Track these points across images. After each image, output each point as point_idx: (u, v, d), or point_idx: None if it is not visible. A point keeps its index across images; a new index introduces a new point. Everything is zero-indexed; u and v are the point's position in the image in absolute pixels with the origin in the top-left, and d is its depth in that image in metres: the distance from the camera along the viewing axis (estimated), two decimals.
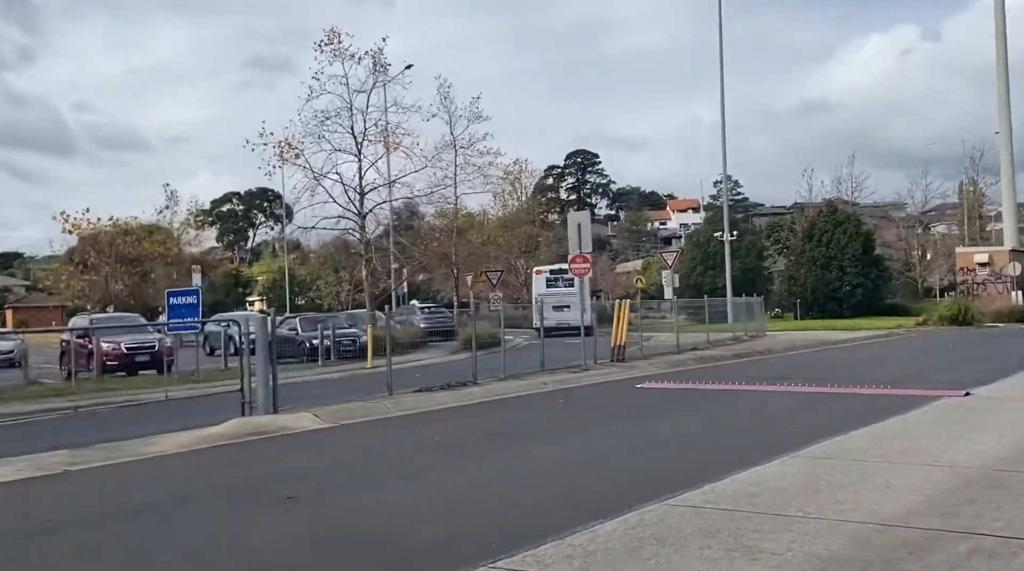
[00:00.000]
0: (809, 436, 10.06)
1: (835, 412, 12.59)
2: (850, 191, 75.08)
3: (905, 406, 12.43)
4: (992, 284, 51.23)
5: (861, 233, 52.38)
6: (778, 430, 11.08)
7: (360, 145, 32.67)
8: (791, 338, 31.94)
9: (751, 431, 11.17)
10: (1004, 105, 54.16)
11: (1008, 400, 13.00)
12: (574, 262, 19.84)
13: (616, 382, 17.46)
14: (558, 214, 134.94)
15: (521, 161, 74.87)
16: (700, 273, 53.99)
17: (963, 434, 9.99)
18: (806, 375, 18.03)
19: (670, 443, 10.41)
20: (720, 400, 14.35)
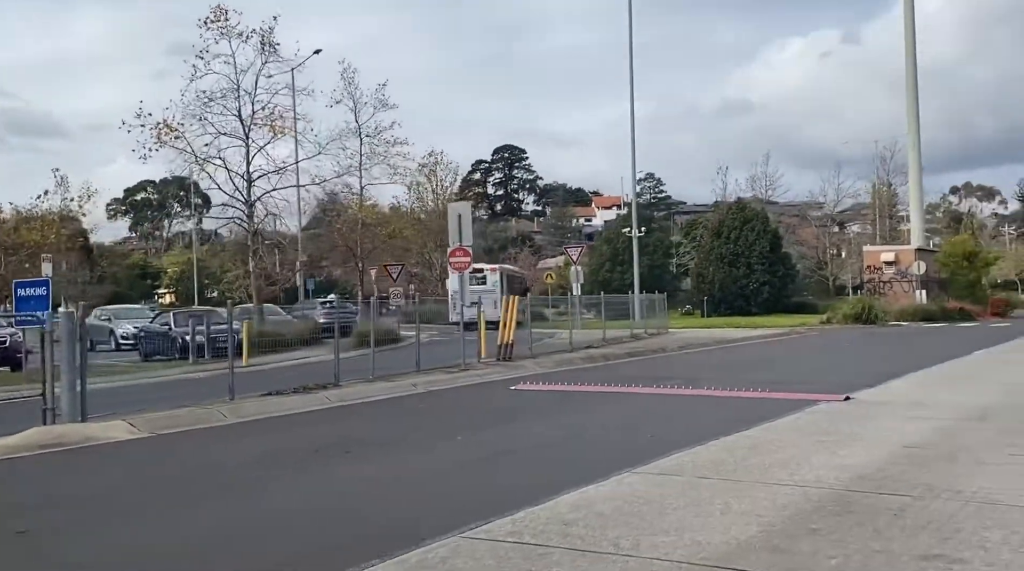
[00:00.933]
0: (663, 447, 9.18)
1: (704, 418, 11.79)
2: (764, 189, 75.92)
3: (778, 412, 11.68)
4: (898, 283, 51.86)
5: (769, 230, 52.48)
6: (634, 440, 10.18)
7: (248, 129, 31.12)
8: (691, 336, 31.47)
9: (605, 441, 10.24)
10: (913, 111, 55.06)
11: (888, 405, 12.35)
12: (453, 255, 18.71)
13: (491, 383, 16.46)
14: (485, 209, 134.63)
15: (436, 153, 73.42)
16: (609, 269, 53.55)
17: (829, 445, 9.21)
18: (689, 376, 17.30)
19: (512, 456, 9.41)
20: (590, 404, 13.45)
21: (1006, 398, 12.83)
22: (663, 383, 15.37)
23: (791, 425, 10.68)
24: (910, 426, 10.44)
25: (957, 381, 15.25)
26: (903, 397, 13.21)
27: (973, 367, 18.09)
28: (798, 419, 11.12)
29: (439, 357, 19.61)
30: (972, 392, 13.71)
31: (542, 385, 15.49)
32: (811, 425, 10.63)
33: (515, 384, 15.94)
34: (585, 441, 10.16)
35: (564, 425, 11.38)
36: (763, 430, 10.30)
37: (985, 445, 9.13)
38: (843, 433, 9.98)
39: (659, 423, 11.40)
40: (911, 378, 15.99)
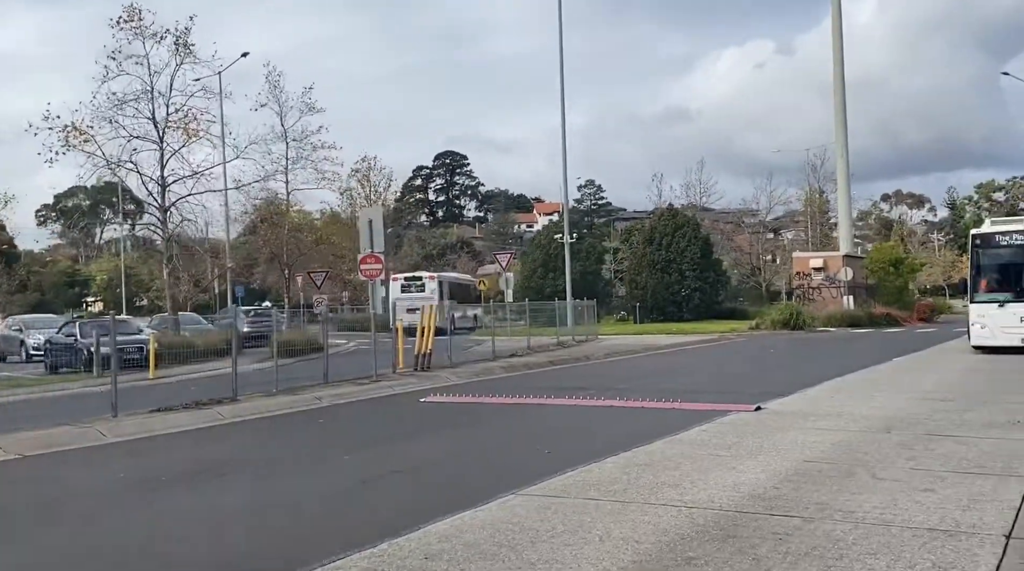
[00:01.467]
0: (559, 464, 8.81)
1: (609, 432, 11.45)
2: (699, 196, 76.45)
3: (686, 423, 11.42)
4: (827, 289, 52.46)
5: (700, 237, 52.69)
6: (531, 456, 9.78)
7: (162, 132, 30.13)
8: (618, 343, 31.30)
9: (501, 458, 9.82)
10: (841, 119, 55.89)
11: (798, 416, 12.16)
12: (364, 262, 18.12)
13: (401, 396, 15.95)
14: (426, 215, 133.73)
15: (369, 158, 72.53)
16: (541, 276, 53.27)
17: (729, 461, 8.92)
18: (607, 385, 17.01)
19: (399, 477, 8.93)
20: (496, 417, 13.04)
21: (914, 407, 12.74)
22: (578, 393, 15.04)
23: (696, 438, 10.40)
24: (814, 438, 10.24)
25: (870, 389, 15.18)
26: (814, 407, 13.05)
27: (888, 374, 18.11)
28: (704, 431, 10.85)
29: (361, 367, 19.06)
30: (882, 401, 13.61)
31: (452, 397, 15.04)
32: (716, 438, 10.37)
33: (425, 396, 15.47)
34: (480, 459, 9.74)
35: (463, 441, 10.95)
36: (666, 443, 10.00)
37: (885, 458, 8.93)
38: (746, 447, 9.72)
39: (561, 438, 11.02)
40: (826, 387, 15.90)
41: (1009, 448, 9.39)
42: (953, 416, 11.86)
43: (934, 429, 10.78)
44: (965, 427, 10.92)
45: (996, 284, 23.34)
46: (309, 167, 47.89)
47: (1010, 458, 8.85)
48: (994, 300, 22.71)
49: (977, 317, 22.93)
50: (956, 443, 9.75)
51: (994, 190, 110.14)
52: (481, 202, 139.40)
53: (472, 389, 16.31)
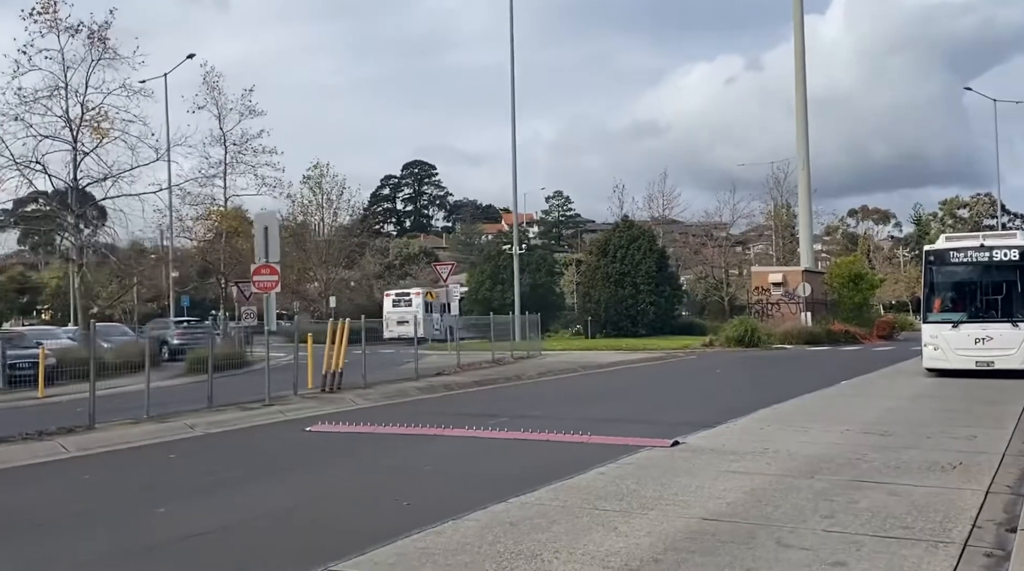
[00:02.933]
0: (408, 522, 7.41)
1: (494, 473, 10.08)
2: (661, 208, 75.52)
3: (587, 463, 10.07)
4: (786, 304, 51.49)
5: (655, 250, 51.47)
6: (383, 509, 8.35)
7: (76, 132, 28.44)
8: (561, 360, 29.94)
9: (343, 512, 8.31)
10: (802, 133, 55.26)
11: (717, 454, 10.85)
12: (258, 273, 16.52)
13: (286, 424, 14.43)
14: (394, 224, 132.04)
15: (322, 165, 70.77)
16: (489, 288, 51.79)
17: (614, 518, 7.57)
18: (521, 412, 15.65)
19: (194, 543, 7.40)
20: (375, 453, 11.60)
21: (849, 443, 11.49)
22: (484, 423, 13.65)
23: (589, 483, 9.03)
24: (726, 484, 8.92)
25: (806, 420, 13.93)
26: (738, 442, 11.75)
27: (831, 401, 16.90)
28: (602, 474, 9.50)
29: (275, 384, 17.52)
30: (816, 435, 12.35)
31: (342, 426, 13.56)
32: (613, 484, 9.01)
33: (314, 424, 13.97)
34: (317, 513, 8.23)
35: (315, 486, 9.48)
36: (551, 491, 8.63)
37: (799, 515, 7.63)
38: (642, 497, 8.37)
39: (434, 482, 9.60)
40: (759, 416, 14.63)
41: (945, 501, 8.12)
42: (890, 455, 10.61)
43: (865, 473, 9.50)
44: (900, 470, 9.66)
45: (950, 303, 22.30)
46: (248, 173, 46.46)
47: (945, 515, 7.57)
48: (947, 320, 21.64)
49: (930, 338, 21.84)
50: (887, 493, 8.48)
51: (958, 206, 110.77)
52: (449, 212, 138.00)
53: (371, 416, 14.83)
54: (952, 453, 10.71)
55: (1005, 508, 7.93)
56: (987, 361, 20.97)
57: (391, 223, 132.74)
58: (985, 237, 22.70)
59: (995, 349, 20.91)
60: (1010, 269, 21.34)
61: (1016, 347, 20.73)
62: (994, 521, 7.44)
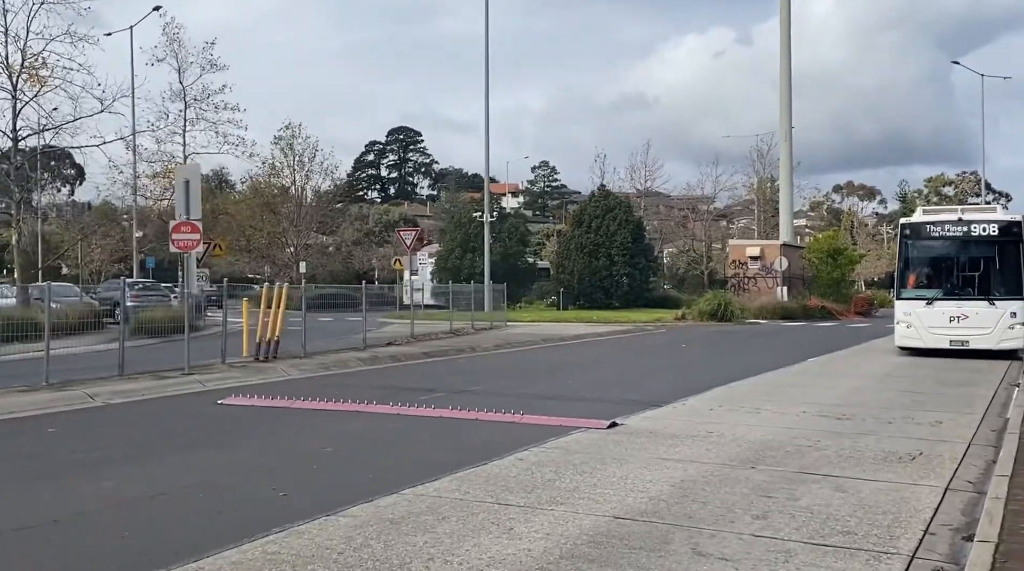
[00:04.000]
0: (278, 517, 6.44)
1: (402, 457, 9.06)
2: (643, 179, 74.45)
3: (509, 446, 9.10)
4: (763, 278, 50.65)
5: (631, 221, 50.27)
6: (255, 499, 7.29)
7: (16, 80, 26.98)
8: (525, 332, 28.92)
9: (212, 503, 7.25)
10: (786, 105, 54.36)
11: (656, 437, 9.88)
12: (177, 231, 15.26)
13: (200, 395, 13.32)
14: (378, 191, 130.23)
15: (294, 125, 69.00)
16: (459, 256, 50.53)
17: (515, 515, 6.58)
18: (460, 387, 14.63)
19: (21, 538, 6.36)
20: (282, 430, 10.55)
21: (803, 427, 10.55)
22: (416, 398, 12.61)
23: (503, 471, 8.04)
24: (654, 474, 7.94)
25: (762, 399, 12.99)
26: (683, 424, 10.79)
27: (793, 380, 15.98)
28: (519, 461, 8.50)
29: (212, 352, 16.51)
30: (769, 416, 11.41)
31: (259, 399, 12.49)
32: (528, 472, 8.02)
33: (228, 396, 12.89)
34: (180, 504, 7.13)
35: (193, 470, 8.39)
36: (455, 480, 7.64)
37: (728, 513, 6.66)
38: (556, 489, 7.38)
39: (326, 468, 8.54)
40: (713, 394, 13.70)
41: (898, 500, 7.17)
42: (845, 442, 9.67)
43: (813, 463, 8.55)
44: (853, 460, 8.71)
45: (925, 279, 21.40)
46: (209, 130, 45.05)
47: (895, 518, 6.62)
48: (922, 297, 20.76)
49: (903, 315, 20.96)
50: (833, 488, 7.52)
51: (943, 184, 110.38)
52: (435, 180, 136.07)
53: (296, 389, 13.76)
54: (913, 441, 9.78)
55: (964, 509, 6.99)
56: (962, 340, 20.12)
57: (375, 190, 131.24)
58: (964, 210, 21.77)
59: (970, 328, 20.06)
60: (988, 245, 20.45)
61: (992, 326, 19.88)
62: (950, 526, 6.50)
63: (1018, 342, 19.86)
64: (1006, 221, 20.69)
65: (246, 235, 71.25)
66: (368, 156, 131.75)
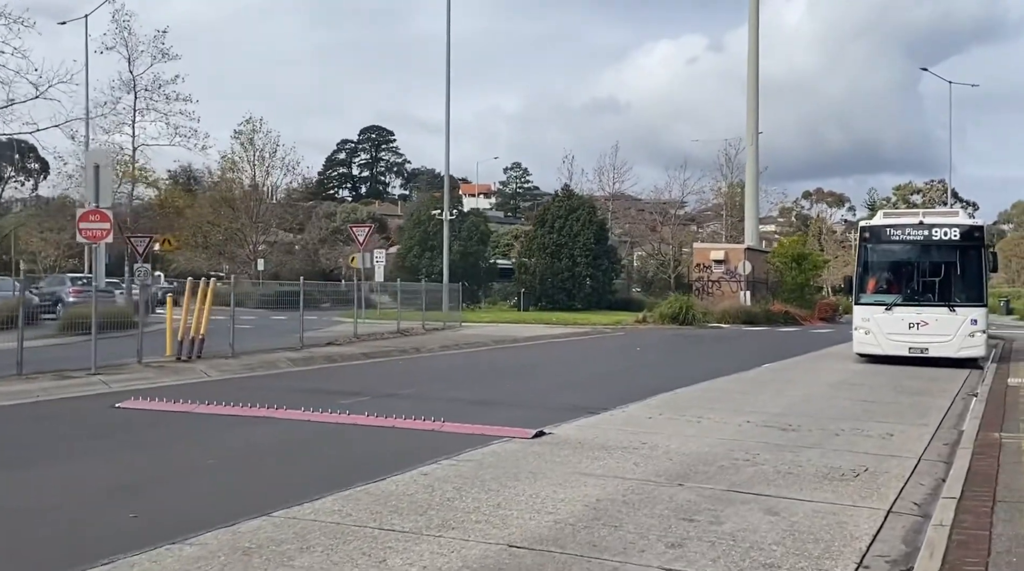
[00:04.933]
0: (124, 542, 5.56)
1: (297, 470, 8.20)
2: (612, 181, 73.95)
3: (419, 458, 8.30)
4: (727, 282, 50.18)
5: (595, 221, 49.53)
6: (106, 521, 6.42)
7: None
8: (476, 333, 28.09)
9: (51, 527, 6.38)
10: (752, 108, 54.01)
11: (582, 448, 9.09)
12: (85, 220, 14.13)
13: (100, 397, 12.37)
14: (349, 190, 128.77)
15: (254, 120, 67.68)
16: (417, 255, 49.56)
17: (396, 541, 5.76)
18: (389, 391, 13.82)
19: None
20: (176, 438, 9.68)
21: (742, 439, 9.80)
22: (335, 403, 11.75)
23: (394, 490, 7.21)
24: (569, 492, 7.15)
25: (705, 407, 12.25)
26: (615, 433, 10.01)
27: (743, 386, 15.28)
28: (423, 476, 7.68)
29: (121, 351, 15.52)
30: (709, 426, 10.66)
31: (160, 403, 11.55)
32: (424, 491, 7.18)
33: (129, 399, 11.93)
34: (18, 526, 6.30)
35: (52, 484, 7.51)
36: (338, 501, 6.80)
37: (641, 540, 5.88)
38: (451, 510, 6.56)
39: (200, 484, 7.65)
40: (656, 401, 12.94)
41: (833, 524, 6.43)
42: (786, 456, 8.93)
43: (746, 480, 7.79)
44: (791, 477, 7.97)
45: (885, 284, 20.78)
46: (160, 121, 43.90)
47: (826, 547, 5.87)
48: (881, 302, 20.12)
49: (861, 321, 20.33)
50: (763, 511, 6.76)
51: (912, 192, 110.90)
52: (407, 180, 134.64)
53: (206, 392, 12.84)
54: (860, 456, 9.06)
55: (906, 537, 6.25)
56: (921, 347, 19.52)
57: (346, 188, 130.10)
58: (925, 214, 21.20)
59: (930, 335, 19.46)
60: (950, 249, 19.87)
61: (952, 333, 19.29)
62: (887, 557, 5.75)
63: (978, 350, 19.31)
64: (968, 225, 20.12)
65: (203, 231, 70.00)
66: (340, 154, 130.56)
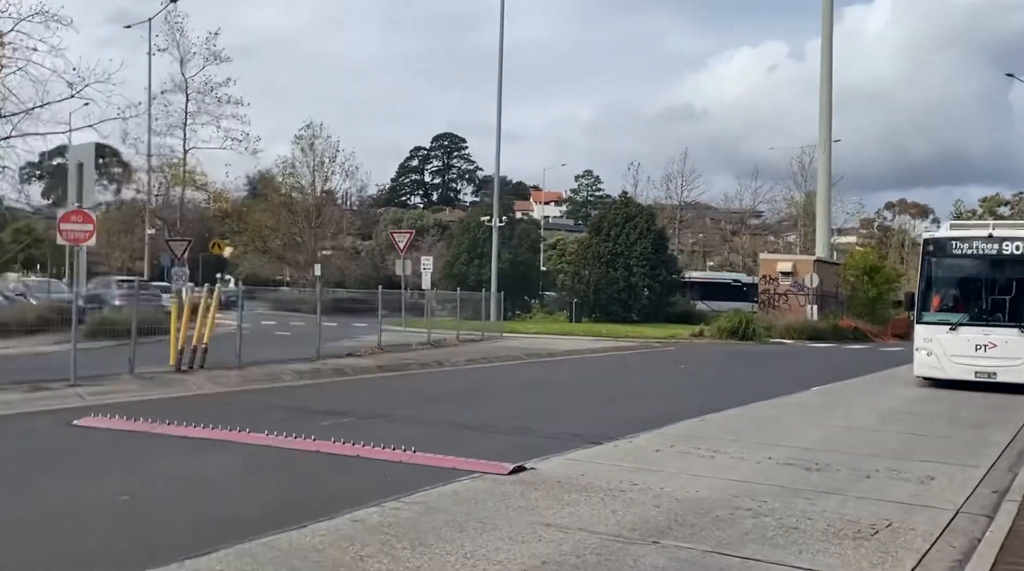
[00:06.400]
0: None
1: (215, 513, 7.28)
2: (679, 189, 72.51)
3: (368, 497, 7.39)
4: (794, 295, 48.26)
5: (653, 230, 48.01)
6: None
7: None
8: (512, 345, 27.06)
9: None
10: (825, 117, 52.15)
11: (559, 490, 8.01)
12: (66, 221, 13.36)
13: (60, 412, 11.54)
14: (421, 197, 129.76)
15: (315, 125, 68.03)
16: (465, 262, 48.67)
17: None
18: (383, 412, 12.87)
19: None
20: (114, 464, 8.87)
21: (756, 480, 8.61)
22: (313, 425, 10.88)
23: (304, 543, 6.24)
24: (513, 551, 6.09)
25: (728, 439, 11.04)
26: (608, 470, 8.89)
27: (781, 413, 13.97)
28: (354, 523, 6.70)
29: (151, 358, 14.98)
30: (721, 463, 9.48)
31: (121, 421, 10.74)
32: (341, 545, 6.20)
33: (91, 416, 11.16)
34: None
35: None
36: (223, 559, 5.81)
37: None
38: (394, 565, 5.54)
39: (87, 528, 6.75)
40: (676, 429, 11.77)
41: None
42: (798, 504, 7.73)
43: (739, 537, 6.63)
44: (794, 535, 6.78)
45: (950, 302, 19.22)
46: (211, 124, 44.02)
47: None
48: (945, 322, 18.59)
49: (923, 342, 18.82)
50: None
51: (999, 204, 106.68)
52: (478, 187, 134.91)
53: (183, 409, 12.01)
54: (886, 506, 7.82)
55: None
56: (988, 372, 17.95)
57: (418, 195, 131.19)
58: (995, 226, 19.60)
59: (998, 358, 17.88)
60: (1022, 265, 18.25)
61: (1023, 357, 17.67)
62: None
63: None
64: None
65: (262, 236, 70.48)
66: (412, 161, 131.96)
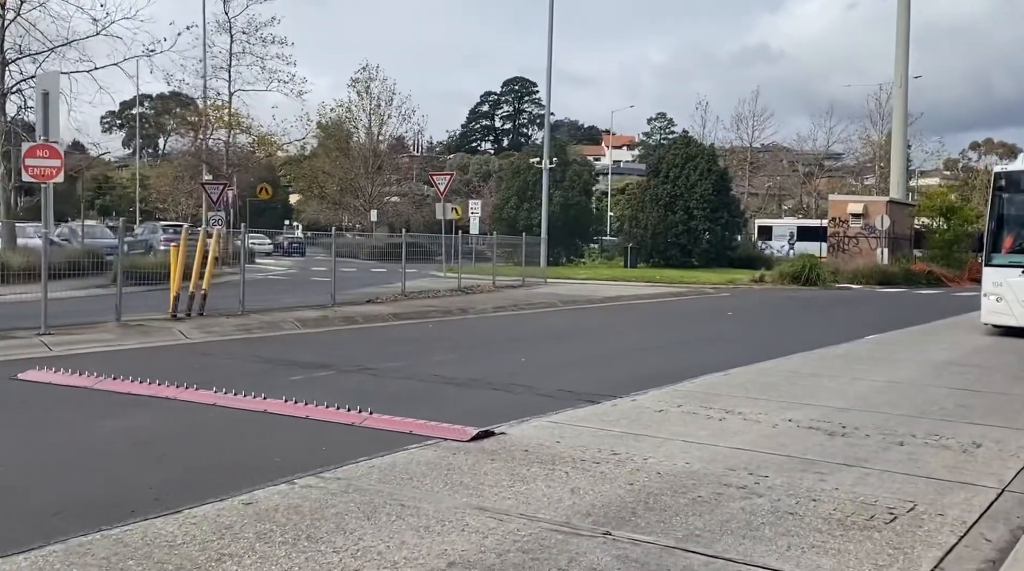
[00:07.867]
0: None
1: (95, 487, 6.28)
2: (750, 129, 70.15)
3: (288, 470, 6.32)
4: (865, 238, 46.00)
5: (715, 171, 45.95)
6: None
7: None
8: (551, 292, 25.80)
9: None
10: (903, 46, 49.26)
11: (524, 460, 6.85)
12: (31, 156, 12.30)
13: (24, 363, 10.72)
14: (492, 142, 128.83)
15: (371, 67, 67.12)
16: (515, 206, 47.32)
17: None
18: (374, 363, 11.84)
19: None
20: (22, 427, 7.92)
21: (762, 447, 7.35)
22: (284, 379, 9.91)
23: (171, 531, 5.26)
24: (423, 548, 4.96)
25: (748, 397, 9.75)
26: (591, 436, 7.70)
27: (821, 365, 12.56)
28: (240, 506, 5.64)
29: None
30: (730, 427, 8.20)
31: (65, 375, 9.76)
32: (208, 538, 5.17)
33: (36, 369, 10.24)
34: None
35: None
36: (54, 557, 4.79)
37: None
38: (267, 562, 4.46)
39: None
40: (690, 386, 10.49)
41: None
42: (806, 479, 6.46)
43: (714, 526, 5.41)
44: (788, 521, 5.52)
45: (1023, 242, 17.43)
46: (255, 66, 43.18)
47: None
48: (1016, 264, 16.89)
49: (992, 286, 17.18)
50: None
51: None
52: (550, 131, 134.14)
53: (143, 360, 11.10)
54: (915, 481, 6.49)
55: None
56: None
57: (488, 141, 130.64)
58: None
59: None
60: None
61: None
62: None
63: None
64: None
65: (319, 182, 70.08)
66: (483, 107, 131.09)
